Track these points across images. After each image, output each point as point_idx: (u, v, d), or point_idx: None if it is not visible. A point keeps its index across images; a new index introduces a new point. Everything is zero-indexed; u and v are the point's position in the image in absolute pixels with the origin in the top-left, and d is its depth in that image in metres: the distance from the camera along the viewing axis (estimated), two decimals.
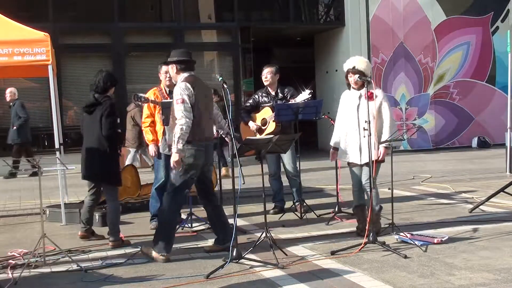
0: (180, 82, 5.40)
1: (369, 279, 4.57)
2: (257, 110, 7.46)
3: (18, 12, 11.54)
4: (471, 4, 15.75)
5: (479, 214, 6.97)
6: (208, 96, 5.65)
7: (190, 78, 5.45)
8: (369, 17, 15.02)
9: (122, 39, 14.05)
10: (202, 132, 5.39)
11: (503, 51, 14.18)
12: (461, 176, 10.26)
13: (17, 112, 11.87)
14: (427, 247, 5.40)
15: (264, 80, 7.44)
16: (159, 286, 4.60)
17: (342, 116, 5.98)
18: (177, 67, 5.50)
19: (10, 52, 6.96)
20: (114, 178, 6.19)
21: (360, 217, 5.99)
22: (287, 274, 4.76)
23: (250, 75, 14.98)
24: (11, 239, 6.53)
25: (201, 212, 7.54)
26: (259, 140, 5.69)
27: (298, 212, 7.13)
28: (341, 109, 6.01)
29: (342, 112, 5.99)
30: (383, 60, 15.07)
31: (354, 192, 6.03)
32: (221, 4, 15.28)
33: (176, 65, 5.50)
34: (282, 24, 15.61)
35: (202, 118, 5.38)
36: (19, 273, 4.84)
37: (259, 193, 5.78)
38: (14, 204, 8.70)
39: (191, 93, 5.30)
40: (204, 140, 5.41)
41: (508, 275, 4.53)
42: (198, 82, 5.50)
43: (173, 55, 5.56)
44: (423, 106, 15.49)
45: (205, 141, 5.42)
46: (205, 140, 5.42)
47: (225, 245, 5.42)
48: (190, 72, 5.52)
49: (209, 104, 5.61)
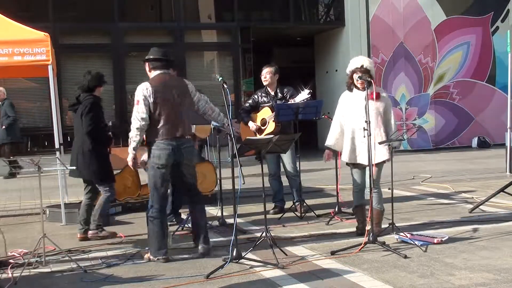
0: (145, 82, 5.42)
1: (369, 279, 4.57)
2: (256, 110, 7.47)
3: (18, 12, 11.55)
4: (471, 4, 15.75)
5: (479, 214, 6.97)
6: (182, 94, 5.46)
7: (157, 77, 5.42)
8: (369, 17, 15.02)
9: (122, 39, 14.06)
10: (169, 131, 5.30)
11: (503, 51, 14.17)
12: (461, 176, 10.26)
13: (6, 111, 11.89)
14: (427, 247, 5.39)
15: (264, 80, 7.45)
16: (159, 286, 4.60)
17: (341, 117, 5.88)
18: (149, 65, 5.52)
19: (10, 52, 6.96)
20: (100, 175, 6.24)
21: (360, 217, 5.98)
22: (287, 274, 4.76)
23: (250, 75, 14.99)
24: (11, 239, 6.52)
25: None
26: (259, 140, 5.69)
27: (298, 212, 7.13)
28: (341, 110, 5.90)
29: (343, 113, 5.87)
30: (383, 60, 15.07)
31: (354, 193, 5.98)
32: (221, 4, 15.28)
33: (148, 63, 5.52)
34: (282, 24, 15.61)
35: (169, 117, 5.31)
36: (19, 273, 4.84)
37: (259, 193, 5.78)
38: (14, 204, 8.70)
39: (149, 94, 5.26)
40: (174, 139, 5.31)
41: (508, 275, 4.53)
42: (167, 81, 5.42)
43: (149, 53, 5.56)
44: (423, 106, 15.48)
45: (175, 140, 5.32)
46: (175, 139, 5.32)
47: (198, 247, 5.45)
48: (163, 70, 5.46)
49: (184, 101, 5.46)
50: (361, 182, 5.87)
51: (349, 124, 5.83)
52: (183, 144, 5.38)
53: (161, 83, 5.39)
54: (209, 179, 8.40)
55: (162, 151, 5.29)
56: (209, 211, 7.70)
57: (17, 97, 13.18)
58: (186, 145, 5.42)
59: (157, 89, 5.31)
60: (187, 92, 5.53)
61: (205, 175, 8.38)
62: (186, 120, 5.46)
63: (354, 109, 5.76)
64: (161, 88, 5.34)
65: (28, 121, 13.65)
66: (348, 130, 5.83)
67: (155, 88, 5.30)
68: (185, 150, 5.39)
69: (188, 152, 5.45)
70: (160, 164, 5.30)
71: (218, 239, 6.11)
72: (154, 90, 5.29)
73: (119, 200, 7.96)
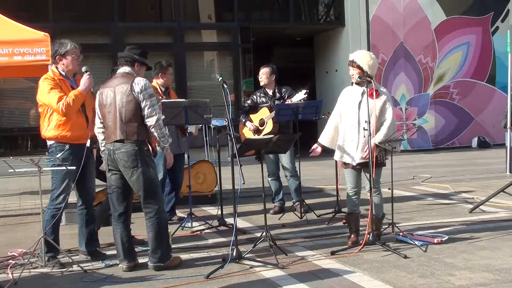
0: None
1: (369, 279, 4.57)
2: (255, 111, 7.47)
3: (18, 12, 11.52)
4: (471, 4, 15.75)
5: (479, 214, 6.96)
6: (115, 93, 4.97)
7: (109, 78, 5.27)
8: (369, 17, 15.02)
9: (122, 39, 14.04)
10: (107, 135, 5.05)
11: (503, 51, 14.17)
12: (461, 176, 10.26)
13: None
14: (427, 247, 5.39)
15: (260, 80, 7.47)
16: (159, 286, 4.60)
17: (339, 113, 5.70)
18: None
19: (10, 52, 6.95)
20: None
21: (353, 226, 5.66)
22: (287, 274, 4.76)
23: (250, 75, 14.98)
24: (11, 239, 6.52)
25: (201, 212, 7.56)
26: (259, 140, 5.68)
27: (298, 212, 7.13)
28: (339, 106, 5.72)
29: (341, 109, 5.70)
30: (383, 60, 15.06)
31: (348, 197, 5.73)
32: (221, 4, 15.29)
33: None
34: (282, 24, 15.61)
35: (105, 121, 5.05)
36: (19, 273, 4.84)
37: (259, 193, 5.77)
38: (14, 204, 8.69)
39: (98, 97, 5.11)
40: (109, 144, 5.01)
41: (508, 275, 4.53)
42: (110, 82, 5.12)
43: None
44: (423, 106, 15.49)
45: (109, 145, 5.01)
46: (110, 144, 5.00)
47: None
48: (122, 70, 5.15)
49: (114, 102, 4.97)
50: (354, 184, 5.66)
51: (343, 121, 5.66)
52: (109, 149, 5.04)
53: (107, 85, 5.14)
54: (209, 179, 8.41)
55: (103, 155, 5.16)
56: (209, 211, 7.74)
57: (17, 97, 13.17)
58: (110, 150, 5.03)
59: (103, 90, 5.11)
60: (124, 92, 4.96)
61: (205, 175, 8.40)
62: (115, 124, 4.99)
63: (348, 105, 5.62)
64: (105, 90, 5.11)
65: (28, 121, 13.64)
66: (342, 127, 5.68)
67: (103, 90, 5.11)
68: (114, 155, 4.99)
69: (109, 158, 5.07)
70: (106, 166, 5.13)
71: (218, 239, 6.11)
72: (102, 92, 5.10)
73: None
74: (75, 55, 5.40)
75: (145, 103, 4.89)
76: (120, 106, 4.93)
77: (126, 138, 4.91)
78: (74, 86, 5.38)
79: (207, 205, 8.14)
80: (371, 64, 5.48)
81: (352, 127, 5.55)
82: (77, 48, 5.44)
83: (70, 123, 5.26)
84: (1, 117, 13.48)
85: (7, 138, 13.46)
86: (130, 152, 4.90)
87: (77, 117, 5.30)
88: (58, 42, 5.46)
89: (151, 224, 4.97)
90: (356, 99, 5.56)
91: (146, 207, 5.00)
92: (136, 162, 4.90)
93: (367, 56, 5.54)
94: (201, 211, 7.67)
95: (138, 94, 4.90)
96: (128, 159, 4.90)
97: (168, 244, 5.09)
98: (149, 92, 4.95)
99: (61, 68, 5.41)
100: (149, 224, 4.99)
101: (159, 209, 5.00)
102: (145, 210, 5.02)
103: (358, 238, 5.59)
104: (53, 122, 5.30)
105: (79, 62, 5.43)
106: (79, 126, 5.31)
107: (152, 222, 4.97)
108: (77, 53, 5.42)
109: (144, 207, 5.01)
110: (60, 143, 5.29)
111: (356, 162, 5.56)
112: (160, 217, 4.99)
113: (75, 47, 5.42)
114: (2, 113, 13.37)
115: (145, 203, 4.99)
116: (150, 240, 5.01)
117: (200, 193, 8.26)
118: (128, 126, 4.91)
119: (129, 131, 4.91)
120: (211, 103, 6.57)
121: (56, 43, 5.50)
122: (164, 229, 5.03)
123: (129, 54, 5.17)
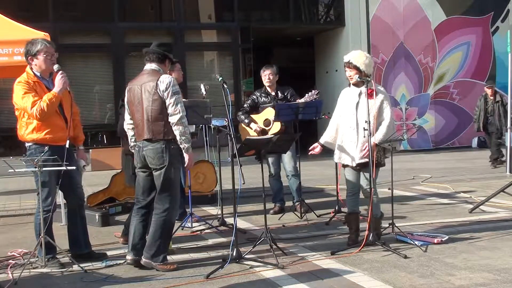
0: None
1: (369, 279, 4.56)
2: (256, 111, 7.45)
3: (18, 12, 11.55)
4: (471, 4, 15.76)
5: (479, 214, 6.96)
6: (142, 92, 4.99)
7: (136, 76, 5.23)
8: (369, 17, 15.03)
9: (122, 39, 14.06)
10: (137, 133, 5.11)
11: (503, 51, 14.19)
12: (461, 176, 10.27)
13: None
14: (427, 247, 5.39)
15: (266, 81, 7.42)
16: (159, 286, 4.60)
17: (339, 116, 5.71)
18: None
19: (10, 52, 6.95)
20: None
21: (353, 226, 5.67)
22: (287, 274, 4.76)
23: (250, 75, 15.00)
24: (11, 239, 6.53)
25: (201, 212, 7.56)
26: (259, 140, 5.68)
27: (298, 212, 7.13)
28: (339, 107, 5.73)
29: (340, 110, 5.71)
30: (383, 60, 15.08)
31: (348, 198, 5.75)
32: (221, 4, 15.30)
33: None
34: (282, 24, 15.62)
35: (134, 119, 5.10)
36: (19, 273, 4.84)
37: (259, 193, 5.78)
38: (14, 204, 8.70)
39: (126, 94, 5.15)
40: (139, 141, 5.08)
41: (508, 275, 4.53)
42: (138, 79, 5.12)
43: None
44: (423, 106, 15.50)
45: (139, 142, 5.09)
46: (140, 141, 5.07)
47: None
48: (149, 66, 5.13)
49: (141, 101, 5.00)
50: (354, 185, 5.67)
51: (342, 122, 5.65)
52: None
53: (134, 82, 5.17)
54: (209, 179, 8.42)
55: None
56: (209, 211, 7.74)
57: None
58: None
59: (129, 88, 5.15)
60: (146, 89, 4.99)
61: (205, 175, 8.40)
62: (144, 122, 5.04)
63: (346, 107, 5.62)
64: (131, 87, 5.15)
65: None
66: (341, 128, 5.67)
67: (128, 89, 5.15)
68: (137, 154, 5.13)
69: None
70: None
71: (218, 239, 6.11)
72: (128, 90, 5.14)
73: (119, 200, 7.97)
74: (48, 54, 5.19)
75: (169, 101, 4.92)
76: (146, 105, 4.97)
77: (153, 137, 4.96)
78: (51, 86, 5.21)
79: (207, 205, 8.14)
80: (367, 63, 5.48)
81: (351, 129, 5.55)
82: (50, 46, 5.23)
83: (48, 125, 5.14)
84: (1, 117, 13.47)
85: (7, 138, 13.45)
86: (157, 150, 4.96)
87: (55, 119, 5.18)
88: (30, 42, 5.26)
89: (154, 220, 5.03)
90: (353, 100, 5.56)
91: (156, 203, 5.06)
92: (162, 160, 4.95)
93: (363, 56, 5.53)
94: (201, 211, 7.68)
95: (163, 92, 4.92)
96: (154, 156, 4.96)
97: (165, 246, 5.09)
98: (174, 89, 4.94)
99: (35, 68, 5.23)
100: (153, 219, 5.05)
101: (167, 209, 5.01)
102: (155, 205, 5.07)
103: (358, 238, 5.59)
104: (31, 125, 5.16)
105: (52, 61, 5.23)
106: (58, 128, 5.19)
107: (156, 219, 5.02)
108: (50, 51, 5.21)
109: (155, 203, 5.07)
110: (38, 145, 5.17)
111: (355, 163, 5.56)
112: (165, 217, 5.01)
113: (47, 46, 5.20)
114: (2, 113, 13.36)
115: (157, 200, 5.05)
116: (149, 235, 5.05)
117: (200, 193, 8.26)
118: (154, 125, 4.95)
119: (155, 130, 4.95)
120: (211, 103, 6.58)
121: (28, 43, 5.28)
122: (164, 229, 5.03)
123: (160, 50, 5.14)
